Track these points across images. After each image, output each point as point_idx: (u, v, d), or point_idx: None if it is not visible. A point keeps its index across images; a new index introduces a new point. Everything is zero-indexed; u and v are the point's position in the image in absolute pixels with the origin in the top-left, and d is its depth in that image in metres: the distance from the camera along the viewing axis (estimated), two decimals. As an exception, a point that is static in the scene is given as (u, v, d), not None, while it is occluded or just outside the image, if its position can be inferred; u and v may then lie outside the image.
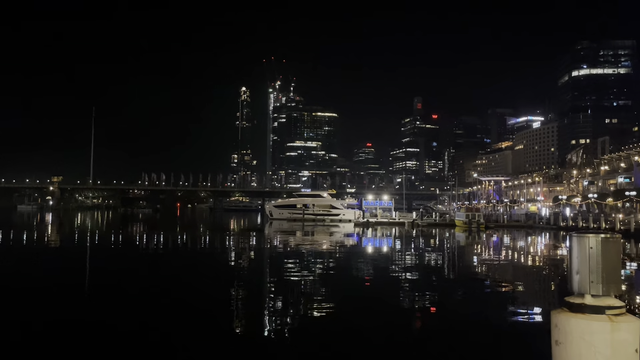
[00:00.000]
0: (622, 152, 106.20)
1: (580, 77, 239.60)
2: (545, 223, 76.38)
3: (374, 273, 28.71)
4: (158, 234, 62.61)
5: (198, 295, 20.35)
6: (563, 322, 3.74)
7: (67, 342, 13.38)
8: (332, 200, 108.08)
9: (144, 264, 31.47)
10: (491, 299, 21.30)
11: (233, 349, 13.22)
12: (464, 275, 28.92)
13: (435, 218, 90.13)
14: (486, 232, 67.15)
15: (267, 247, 46.29)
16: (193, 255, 38.64)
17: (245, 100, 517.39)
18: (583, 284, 3.80)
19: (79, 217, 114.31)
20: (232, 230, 76.33)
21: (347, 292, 22.03)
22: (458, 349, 13.52)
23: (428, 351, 13.40)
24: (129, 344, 13.30)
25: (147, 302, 18.55)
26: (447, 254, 42.57)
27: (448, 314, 17.84)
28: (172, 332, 14.44)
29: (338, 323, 16.13)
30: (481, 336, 14.72)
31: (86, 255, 36.33)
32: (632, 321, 3.66)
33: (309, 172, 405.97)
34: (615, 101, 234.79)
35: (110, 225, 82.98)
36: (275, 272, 28.78)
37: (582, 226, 63.28)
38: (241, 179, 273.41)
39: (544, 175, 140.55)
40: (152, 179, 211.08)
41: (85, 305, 18.10)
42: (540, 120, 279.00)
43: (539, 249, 48.53)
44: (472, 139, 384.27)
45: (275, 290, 22.38)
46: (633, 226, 55.75)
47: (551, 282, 26.50)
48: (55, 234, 61.02)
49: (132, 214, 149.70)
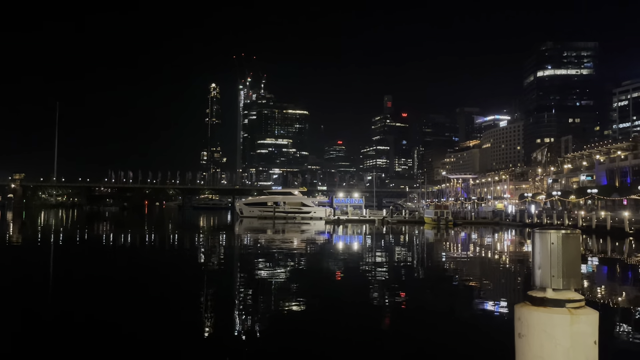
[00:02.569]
0: (584, 150, 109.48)
1: (545, 78, 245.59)
2: (511, 220, 78.16)
3: (345, 270, 28.84)
4: (125, 232, 61.38)
5: (166, 294, 20.03)
6: (526, 315, 3.83)
7: (26, 340, 13.00)
8: (303, 198, 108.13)
9: (109, 262, 30.78)
10: (458, 293, 21.68)
11: (200, 348, 13.07)
12: (433, 271, 29.35)
13: (405, 215, 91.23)
14: (454, 229, 68.27)
15: (237, 245, 45.94)
16: (160, 253, 38.05)
17: (215, 97, 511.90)
18: (545, 278, 3.89)
19: (42, 215, 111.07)
20: (201, 228, 75.46)
21: (317, 289, 22.06)
22: (426, 342, 13.72)
23: (398, 345, 13.54)
24: (94, 342, 13.00)
25: (112, 300, 18.16)
26: (416, 250, 43.10)
27: (417, 309, 18.08)
28: (138, 332, 14.18)
29: (309, 320, 16.14)
30: (448, 330, 14.96)
31: (49, 255, 35.30)
32: (591, 314, 3.77)
33: (279, 170, 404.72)
34: (578, 101, 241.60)
35: (75, 224, 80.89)
36: (245, 271, 28.59)
37: (546, 223, 65.00)
38: (211, 177, 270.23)
39: (511, 173, 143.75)
40: (119, 177, 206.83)
41: (41, 302, 17.62)
42: (507, 119, 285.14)
43: (505, 245, 49.62)
44: (441, 137, 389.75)
45: (245, 289, 22.23)
46: (594, 223, 57.55)
47: (516, 277, 27.12)
48: (16, 232, 59.10)
49: (99, 212, 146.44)
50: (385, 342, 13.84)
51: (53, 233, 58.07)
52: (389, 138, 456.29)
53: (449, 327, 15.35)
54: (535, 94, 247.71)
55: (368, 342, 13.59)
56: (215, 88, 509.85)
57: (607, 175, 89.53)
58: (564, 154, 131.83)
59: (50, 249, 39.34)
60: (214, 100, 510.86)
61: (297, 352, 12.90)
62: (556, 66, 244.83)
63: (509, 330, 4.17)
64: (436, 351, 13.14)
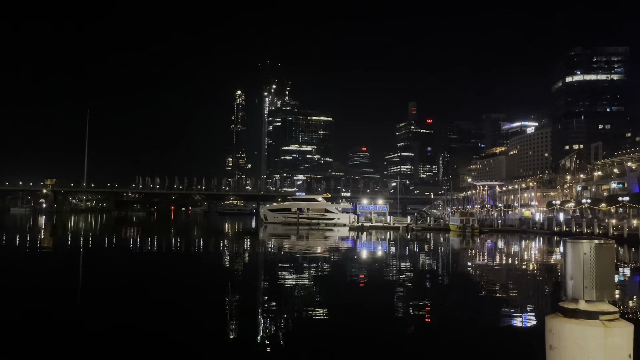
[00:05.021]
0: (615, 157, 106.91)
1: (574, 83, 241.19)
2: (539, 228, 76.65)
3: (369, 277, 28.70)
4: (152, 237, 62.36)
5: (191, 298, 20.25)
6: (557, 327, 3.76)
7: (60, 345, 13.29)
8: (327, 204, 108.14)
9: (137, 267, 31.31)
10: (485, 303, 21.33)
11: (225, 353, 13.16)
12: (458, 280, 28.95)
13: (430, 222, 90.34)
14: (480, 237, 67.30)
15: (262, 250, 46.19)
16: (187, 258, 38.49)
17: (241, 104, 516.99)
18: (577, 289, 3.82)
19: (73, 220, 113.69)
20: (226, 233, 76.13)
21: (341, 296, 22.00)
22: (452, 353, 13.53)
23: (422, 355, 13.40)
24: (122, 346, 13.22)
25: (139, 305, 18.44)
26: (441, 258, 42.62)
27: (442, 319, 17.84)
28: (164, 335, 14.36)
29: (332, 327, 16.09)
30: (476, 341, 14.73)
31: (79, 259, 36.10)
32: (625, 326, 3.68)
33: (303, 176, 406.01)
34: (609, 107, 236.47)
35: (104, 229, 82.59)
36: (269, 276, 28.71)
37: (576, 231, 63.53)
38: (236, 183, 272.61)
39: (538, 180, 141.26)
40: (147, 183, 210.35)
41: (76, 308, 17.99)
42: (534, 126, 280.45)
43: (533, 253, 48.68)
44: (467, 143, 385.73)
45: (269, 294, 22.31)
46: (626, 231, 56.00)
47: (545, 287, 26.57)
48: (48, 237, 60.63)
49: (126, 217, 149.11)
50: (407, 352, 13.71)
51: (83, 237, 59.40)
52: (414, 144, 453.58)
53: (474, 339, 15.11)
54: (563, 100, 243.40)
55: (389, 350, 13.48)
56: (240, 95, 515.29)
57: (639, 183, 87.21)
58: (594, 160, 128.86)
59: (80, 253, 40.25)
60: (239, 107, 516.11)
61: (319, 357, 12.87)
62: (585, 71, 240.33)
63: (538, 342, 4.10)
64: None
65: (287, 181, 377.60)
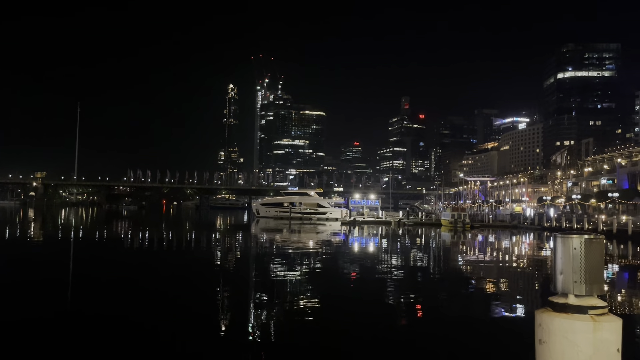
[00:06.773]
0: (606, 154, 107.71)
1: (566, 80, 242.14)
2: (529, 223, 77.19)
3: (360, 271, 28.77)
4: (143, 231, 62.08)
5: (182, 292, 20.19)
6: (547, 322, 3.77)
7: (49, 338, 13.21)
8: (319, 198, 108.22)
9: (129, 261, 31.16)
10: (475, 297, 21.46)
11: (216, 345, 13.15)
12: (449, 274, 29.11)
13: (422, 217, 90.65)
14: (471, 232, 67.67)
15: (254, 245, 46.14)
16: (178, 252, 38.38)
17: (233, 98, 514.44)
18: (566, 284, 3.83)
19: (63, 213, 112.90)
20: (218, 227, 75.98)
21: (333, 290, 22.03)
22: (442, 346, 13.60)
23: (414, 348, 13.46)
24: (112, 338, 13.16)
25: (129, 297, 18.37)
26: (432, 253, 42.81)
27: (433, 313, 17.94)
28: (156, 329, 14.31)
29: (324, 321, 16.11)
30: (465, 334, 14.82)
31: (69, 251, 35.86)
32: (614, 321, 3.70)
33: (296, 171, 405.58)
34: (600, 103, 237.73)
35: (95, 222, 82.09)
36: (261, 270, 28.69)
37: (566, 227, 64.05)
38: (228, 177, 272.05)
39: (529, 176, 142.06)
40: (138, 176, 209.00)
41: (65, 300, 17.89)
42: (526, 122, 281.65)
43: (524, 249, 49.02)
44: (459, 139, 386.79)
45: (260, 288, 22.30)
46: (615, 227, 56.53)
47: (535, 281, 26.77)
48: (37, 230, 60.18)
49: (117, 210, 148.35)
50: (399, 345, 13.76)
51: (73, 230, 59.00)
52: (406, 139, 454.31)
53: (464, 332, 15.19)
54: (555, 96, 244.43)
55: (381, 343, 13.52)
56: (233, 89, 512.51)
57: (628, 179, 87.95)
58: (585, 157, 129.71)
59: (70, 246, 39.99)
60: (231, 100, 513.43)
61: (310, 353, 12.89)
62: (577, 68, 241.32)
63: (528, 336, 4.12)
64: (451, 356, 13.02)
65: (279, 175, 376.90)
